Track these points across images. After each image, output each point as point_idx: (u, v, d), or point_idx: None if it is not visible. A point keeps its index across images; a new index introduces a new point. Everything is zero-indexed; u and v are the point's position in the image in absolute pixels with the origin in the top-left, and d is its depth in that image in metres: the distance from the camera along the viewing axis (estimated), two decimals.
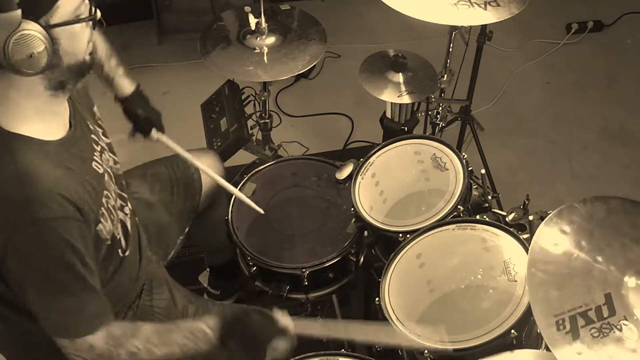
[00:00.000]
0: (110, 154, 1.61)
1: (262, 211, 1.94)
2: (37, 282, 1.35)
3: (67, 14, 1.28)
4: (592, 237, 1.41)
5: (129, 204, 1.66)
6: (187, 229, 2.01)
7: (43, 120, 1.36)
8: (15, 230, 1.29)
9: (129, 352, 1.45)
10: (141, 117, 1.83)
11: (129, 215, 1.63)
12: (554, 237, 1.43)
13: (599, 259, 1.38)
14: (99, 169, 1.49)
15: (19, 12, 1.22)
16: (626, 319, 1.28)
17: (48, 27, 1.26)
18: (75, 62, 1.35)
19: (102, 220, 1.45)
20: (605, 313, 1.29)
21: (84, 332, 1.41)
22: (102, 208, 1.46)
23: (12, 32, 1.22)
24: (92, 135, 1.53)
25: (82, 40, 1.35)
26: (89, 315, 1.41)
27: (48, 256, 1.32)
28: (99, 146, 1.54)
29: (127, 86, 1.85)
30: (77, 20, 1.30)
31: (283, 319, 1.55)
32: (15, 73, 1.28)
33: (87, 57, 1.38)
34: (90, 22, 1.35)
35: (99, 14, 1.37)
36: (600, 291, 1.33)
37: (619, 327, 1.27)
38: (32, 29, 1.24)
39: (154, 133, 1.85)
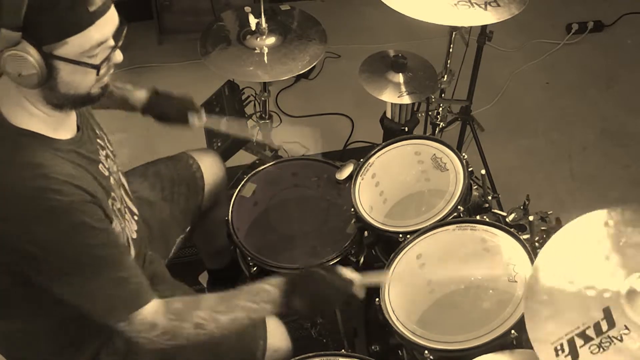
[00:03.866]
0: (115, 161, 1.61)
1: None
2: (67, 270, 1.33)
3: (74, 53, 1.27)
4: (585, 256, 1.41)
5: (133, 209, 1.66)
6: (188, 228, 2.01)
7: (51, 122, 1.36)
8: (32, 221, 1.27)
9: (195, 324, 1.42)
10: (168, 115, 1.88)
11: (131, 222, 1.63)
12: (548, 267, 1.43)
13: (597, 272, 1.37)
14: (105, 171, 1.49)
15: (18, 34, 1.22)
16: (627, 328, 1.27)
17: (49, 56, 1.26)
18: (74, 93, 1.33)
19: (113, 219, 1.45)
20: (605, 327, 1.29)
21: (135, 307, 1.38)
22: (109, 208, 1.46)
23: (8, 47, 1.23)
24: (98, 140, 1.54)
25: (85, 78, 1.33)
26: (129, 291, 1.38)
27: (70, 241, 1.30)
28: (105, 151, 1.54)
29: (140, 94, 1.89)
30: (80, 62, 1.28)
31: (346, 272, 1.52)
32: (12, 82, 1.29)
33: (94, 91, 1.36)
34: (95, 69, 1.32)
35: (119, 57, 1.35)
36: (599, 307, 1.32)
37: (619, 337, 1.26)
38: (27, 53, 1.23)
39: (192, 121, 1.90)
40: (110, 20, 1.30)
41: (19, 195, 1.27)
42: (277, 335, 1.78)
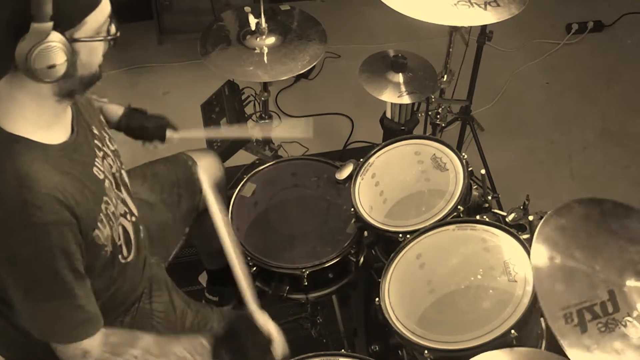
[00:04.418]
0: (115, 160, 1.61)
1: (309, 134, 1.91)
2: (26, 285, 1.35)
3: (91, 31, 1.31)
4: (590, 237, 1.42)
5: (133, 210, 1.66)
6: (187, 230, 2.01)
7: (45, 124, 1.37)
8: (9, 232, 1.29)
9: None
10: (149, 128, 1.85)
11: (131, 222, 1.62)
12: (555, 235, 1.44)
13: (598, 258, 1.38)
14: (100, 174, 1.49)
15: (50, 24, 1.23)
16: (629, 315, 1.29)
17: (71, 40, 1.28)
18: (88, 73, 1.37)
19: (99, 226, 1.45)
20: (610, 309, 1.31)
21: (76, 338, 1.41)
22: (101, 214, 1.46)
23: (39, 41, 1.24)
24: (96, 141, 1.53)
25: (98, 54, 1.37)
26: (78, 321, 1.41)
27: (40, 260, 1.32)
28: (102, 152, 1.54)
29: (116, 109, 1.88)
30: (99, 38, 1.33)
31: (270, 328, 1.57)
32: (32, 79, 1.29)
33: (98, 69, 1.40)
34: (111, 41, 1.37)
35: (115, 28, 1.38)
36: (604, 288, 1.34)
37: (623, 323, 1.29)
38: (58, 42, 1.26)
39: (170, 135, 1.88)
40: None
41: (3, 203, 1.29)
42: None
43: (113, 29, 1.38)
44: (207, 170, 2.03)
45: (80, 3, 1.28)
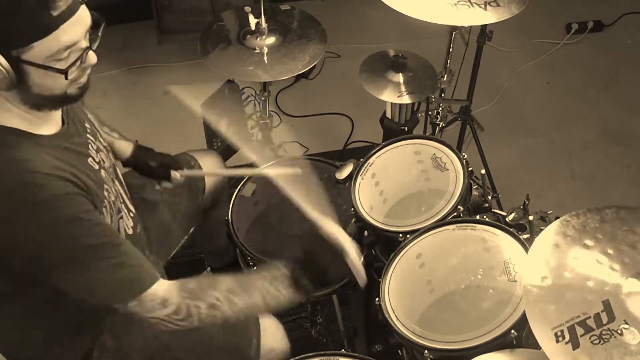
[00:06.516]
0: (108, 155, 1.60)
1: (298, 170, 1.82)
2: (60, 263, 1.32)
3: (41, 57, 1.25)
4: (586, 247, 1.41)
5: (130, 206, 1.65)
6: (191, 230, 2.00)
7: (33, 119, 1.35)
8: (18, 220, 1.27)
9: (209, 304, 1.40)
10: (154, 167, 1.82)
11: (128, 217, 1.62)
12: (548, 252, 1.43)
13: (595, 267, 1.37)
14: (94, 165, 1.47)
15: None
16: (626, 323, 1.28)
17: (18, 60, 1.24)
18: (49, 94, 1.32)
19: (104, 211, 1.44)
20: (605, 319, 1.29)
21: (138, 290, 1.36)
22: (105, 200, 1.45)
23: None
24: (88, 134, 1.53)
25: (56, 81, 1.30)
26: (131, 274, 1.36)
27: (57, 235, 1.29)
28: (95, 145, 1.53)
29: (126, 147, 1.85)
30: (47, 66, 1.26)
31: (337, 237, 1.52)
32: None
33: (71, 92, 1.35)
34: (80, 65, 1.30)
35: (93, 59, 1.32)
36: (598, 299, 1.32)
37: (619, 331, 1.27)
38: None
39: (174, 174, 1.83)
40: (79, 22, 1.26)
41: (5, 192, 1.27)
42: (271, 335, 1.76)
43: (91, 59, 1.32)
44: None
45: (24, 27, 1.22)
